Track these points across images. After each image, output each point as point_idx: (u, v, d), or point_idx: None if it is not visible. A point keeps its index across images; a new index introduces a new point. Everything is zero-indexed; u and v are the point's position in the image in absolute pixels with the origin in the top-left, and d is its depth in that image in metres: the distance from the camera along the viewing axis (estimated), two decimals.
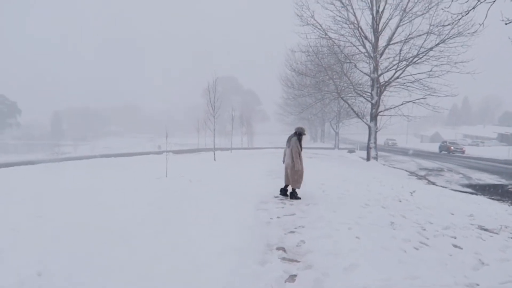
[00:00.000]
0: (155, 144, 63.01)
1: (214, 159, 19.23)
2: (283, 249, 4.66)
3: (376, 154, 21.42)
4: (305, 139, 9.56)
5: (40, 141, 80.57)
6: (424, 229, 5.70)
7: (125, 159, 20.88)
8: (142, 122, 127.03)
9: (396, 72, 20.26)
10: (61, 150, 46.51)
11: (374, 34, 20.02)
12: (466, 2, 5.64)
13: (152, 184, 9.67)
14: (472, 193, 11.43)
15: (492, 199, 10.41)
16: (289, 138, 8.20)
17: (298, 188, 8.00)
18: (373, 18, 19.82)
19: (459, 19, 7.41)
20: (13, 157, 42.74)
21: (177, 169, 13.06)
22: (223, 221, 5.77)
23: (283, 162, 8.40)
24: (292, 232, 5.42)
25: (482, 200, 9.86)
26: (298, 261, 4.27)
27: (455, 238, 5.38)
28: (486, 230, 6.06)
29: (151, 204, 6.89)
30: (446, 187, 12.57)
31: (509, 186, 13.07)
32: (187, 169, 13.50)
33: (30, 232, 4.98)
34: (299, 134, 8.06)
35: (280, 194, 8.28)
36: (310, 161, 17.78)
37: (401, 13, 19.05)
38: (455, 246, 5.01)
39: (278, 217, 6.29)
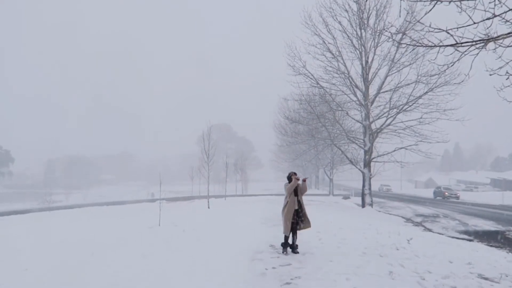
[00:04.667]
0: (149, 192, 62.45)
1: (208, 207, 18.99)
2: None
3: (371, 200, 21.32)
4: (307, 183, 9.15)
5: (31, 190, 79.61)
6: (424, 279, 5.56)
7: (117, 208, 20.55)
8: (136, 170, 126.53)
9: (387, 119, 20.74)
10: (53, 198, 45.77)
11: (364, 83, 20.69)
12: (451, 54, 5.87)
13: (145, 234, 9.47)
14: (469, 240, 11.28)
15: (490, 246, 10.26)
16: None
17: (283, 233, 7.32)
18: (362, 68, 20.56)
19: (445, 70, 7.70)
20: (3, 206, 41.98)
21: (170, 217, 12.84)
22: (218, 274, 5.63)
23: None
24: (288, 283, 5.25)
25: (480, 247, 9.71)
26: None
27: None
28: (486, 279, 5.92)
29: (144, 256, 6.71)
30: (443, 234, 12.40)
31: (506, 232, 12.95)
32: (180, 218, 13.29)
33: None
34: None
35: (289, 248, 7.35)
36: (306, 208, 17.56)
37: (389, 63, 19.87)
38: None
39: (273, 268, 6.12)
